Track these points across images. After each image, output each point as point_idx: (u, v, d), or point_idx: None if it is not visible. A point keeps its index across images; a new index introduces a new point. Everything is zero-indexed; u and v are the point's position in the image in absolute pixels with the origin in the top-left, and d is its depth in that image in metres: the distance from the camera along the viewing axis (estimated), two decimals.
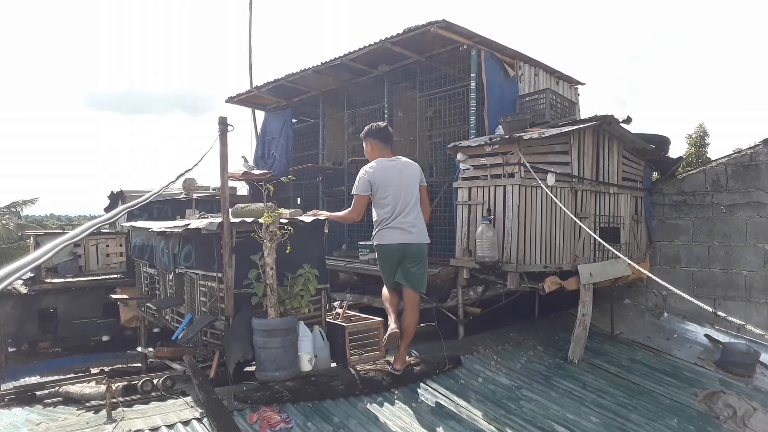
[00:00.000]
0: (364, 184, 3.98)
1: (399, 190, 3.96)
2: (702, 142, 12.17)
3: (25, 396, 3.85)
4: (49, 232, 8.92)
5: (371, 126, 4.21)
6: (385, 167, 4.01)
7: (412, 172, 4.08)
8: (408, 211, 3.95)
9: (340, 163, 8.03)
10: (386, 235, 3.98)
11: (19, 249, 14.58)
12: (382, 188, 3.95)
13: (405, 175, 4.02)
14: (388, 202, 3.95)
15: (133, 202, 1.66)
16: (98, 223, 1.30)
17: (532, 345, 5.43)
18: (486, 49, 6.08)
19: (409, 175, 4.05)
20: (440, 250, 6.04)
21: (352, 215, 4.10)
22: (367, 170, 4.00)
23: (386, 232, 3.97)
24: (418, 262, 4.04)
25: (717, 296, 6.51)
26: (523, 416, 3.87)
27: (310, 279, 3.95)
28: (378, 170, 3.99)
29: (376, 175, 3.97)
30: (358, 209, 4.04)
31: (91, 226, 1.25)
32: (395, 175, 3.99)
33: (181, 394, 3.62)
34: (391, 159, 4.09)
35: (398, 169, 4.04)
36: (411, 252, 3.98)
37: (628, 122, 5.56)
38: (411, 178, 4.05)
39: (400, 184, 3.97)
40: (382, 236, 4.02)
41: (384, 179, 3.96)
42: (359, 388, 3.82)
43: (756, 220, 6.30)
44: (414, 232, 3.97)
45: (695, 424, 4.24)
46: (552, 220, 5.20)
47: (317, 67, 7.05)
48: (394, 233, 3.96)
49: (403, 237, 3.95)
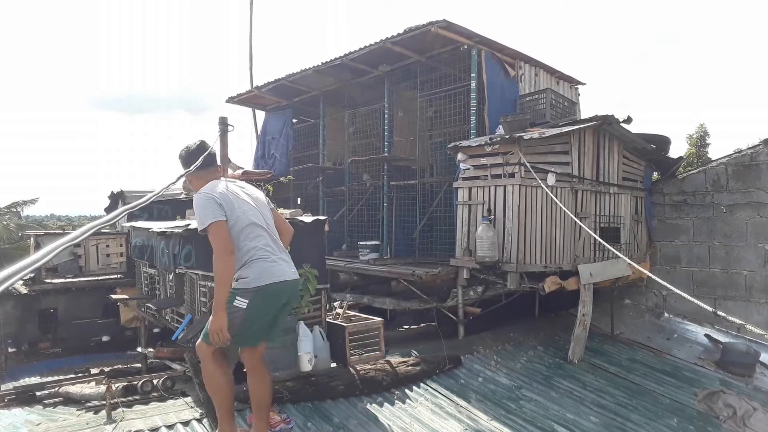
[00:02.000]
0: (213, 208, 2.80)
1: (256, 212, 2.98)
2: (702, 142, 12.17)
3: (25, 396, 3.84)
4: (49, 232, 8.92)
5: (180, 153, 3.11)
6: (224, 187, 2.95)
7: (261, 195, 3.18)
8: (277, 238, 3.03)
9: (340, 163, 8.03)
10: (269, 270, 2.86)
11: (19, 249, 14.58)
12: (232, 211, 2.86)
13: (253, 194, 3.09)
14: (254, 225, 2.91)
15: (134, 204, 1.66)
16: (99, 225, 1.30)
17: (532, 345, 5.43)
18: (486, 49, 6.09)
19: (261, 198, 3.14)
20: (440, 250, 6.05)
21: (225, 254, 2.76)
22: (206, 192, 2.88)
23: (268, 265, 2.87)
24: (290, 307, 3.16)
25: (717, 296, 6.51)
26: (523, 416, 3.87)
27: (309, 279, 3.94)
28: (219, 189, 2.91)
29: (224, 196, 2.87)
30: (225, 239, 2.78)
31: (92, 228, 1.24)
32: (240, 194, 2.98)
33: (181, 394, 3.63)
34: (225, 180, 3.08)
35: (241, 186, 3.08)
36: (292, 294, 3.06)
37: (628, 122, 5.56)
38: (264, 201, 3.14)
39: (253, 203, 3.00)
40: (261, 272, 2.84)
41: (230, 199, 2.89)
42: (359, 388, 3.82)
43: (756, 220, 6.30)
44: (292, 265, 3.05)
45: (695, 424, 4.24)
46: (552, 220, 5.20)
47: (318, 67, 7.05)
48: (280, 266, 2.91)
49: (290, 271, 2.97)
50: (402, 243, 7.05)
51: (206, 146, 3.08)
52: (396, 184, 7.06)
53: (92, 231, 1.22)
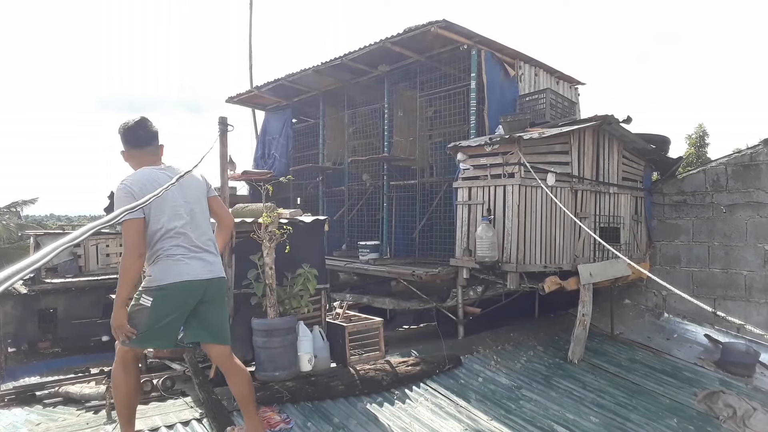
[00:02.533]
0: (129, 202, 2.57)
1: (184, 203, 2.85)
2: (702, 142, 12.18)
3: (24, 396, 3.84)
4: (49, 232, 8.92)
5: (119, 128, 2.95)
6: (150, 178, 2.77)
7: (196, 181, 3.00)
8: (202, 232, 2.88)
9: (340, 163, 8.03)
10: (174, 268, 2.76)
11: (19, 249, 14.58)
12: (156, 204, 2.75)
13: (186, 184, 2.89)
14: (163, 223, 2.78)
15: (133, 204, 1.65)
16: (99, 225, 1.30)
17: (532, 345, 5.43)
18: (486, 49, 6.09)
19: (194, 185, 2.97)
20: (440, 250, 6.05)
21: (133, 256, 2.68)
22: (126, 184, 2.74)
23: (174, 264, 2.76)
24: (222, 300, 3.02)
25: (717, 296, 6.51)
26: (523, 416, 3.87)
27: (309, 279, 3.94)
28: (140, 182, 2.74)
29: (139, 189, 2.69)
30: (135, 240, 2.68)
31: (92, 228, 1.24)
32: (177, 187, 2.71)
33: (181, 394, 3.62)
34: (160, 167, 2.90)
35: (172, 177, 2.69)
36: (212, 291, 2.89)
37: (628, 122, 5.56)
38: (197, 190, 2.98)
39: (182, 195, 2.86)
40: (166, 271, 2.76)
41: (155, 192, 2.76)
42: (359, 388, 3.82)
43: (756, 220, 6.30)
44: (214, 262, 2.92)
45: (695, 424, 4.24)
46: (552, 220, 5.20)
47: (317, 67, 7.05)
48: (189, 265, 2.79)
49: (203, 270, 2.83)
50: (402, 243, 7.05)
51: (145, 123, 2.92)
52: (396, 184, 7.06)
53: (92, 231, 1.22)
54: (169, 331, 2.83)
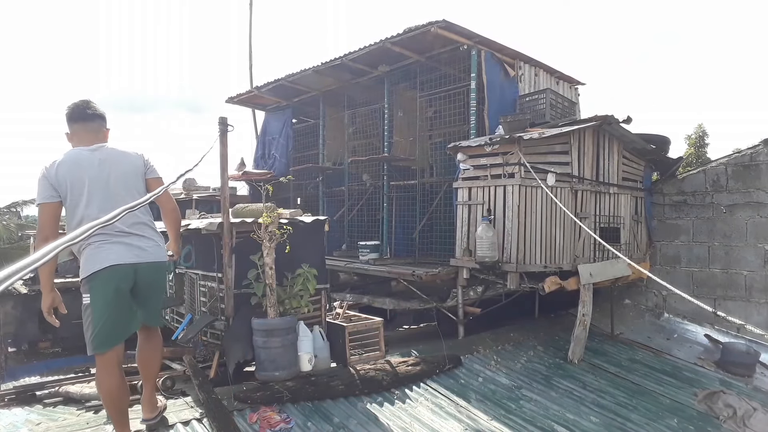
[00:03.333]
0: (44, 188, 2.65)
1: (101, 187, 2.74)
2: (702, 143, 12.18)
3: (25, 396, 3.84)
4: None
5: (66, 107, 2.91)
6: (76, 159, 2.74)
7: (127, 161, 2.87)
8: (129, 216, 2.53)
9: (340, 163, 8.03)
10: (96, 256, 2.67)
11: (19, 249, 14.58)
12: (76, 188, 2.69)
13: (113, 165, 2.80)
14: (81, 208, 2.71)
15: (133, 204, 1.65)
16: (99, 225, 1.30)
17: (532, 345, 5.43)
18: (486, 49, 6.09)
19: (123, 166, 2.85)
20: (440, 250, 6.05)
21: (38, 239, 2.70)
22: (46, 167, 2.70)
23: (95, 251, 2.67)
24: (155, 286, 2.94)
25: (717, 296, 6.51)
26: (523, 416, 3.87)
27: (309, 278, 3.94)
28: (65, 165, 2.71)
29: (60, 171, 2.68)
30: (42, 224, 2.68)
31: (92, 228, 1.24)
32: (93, 167, 2.74)
33: (181, 394, 3.62)
34: (92, 147, 2.82)
35: (99, 158, 2.78)
36: (144, 276, 2.80)
37: (628, 122, 5.56)
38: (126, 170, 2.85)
39: (102, 178, 2.75)
40: (90, 259, 2.68)
41: (75, 175, 2.70)
42: (359, 388, 3.82)
43: (756, 220, 6.30)
44: (143, 246, 2.80)
45: (695, 424, 4.24)
46: (552, 220, 5.20)
47: (317, 67, 7.05)
48: (110, 250, 2.68)
49: (128, 254, 2.73)
50: (402, 243, 7.05)
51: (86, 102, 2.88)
52: (396, 184, 7.06)
53: (92, 231, 1.22)
54: (120, 319, 2.72)
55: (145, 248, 2.81)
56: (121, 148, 2.91)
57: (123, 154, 2.88)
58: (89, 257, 2.68)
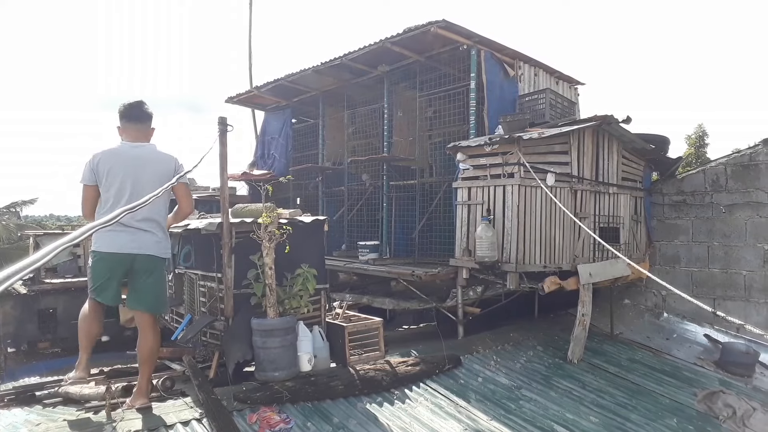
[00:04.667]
0: (86, 172, 3.19)
1: (132, 181, 3.16)
2: (701, 143, 12.20)
3: (24, 396, 3.83)
4: (48, 232, 8.91)
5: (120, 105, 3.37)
6: (117, 152, 3.21)
7: (161, 163, 3.30)
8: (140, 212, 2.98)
9: (340, 163, 8.03)
10: (106, 238, 3.13)
11: (18, 249, 14.57)
12: (110, 177, 3.15)
13: (147, 163, 3.24)
14: (111, 194, 3.16)
15: (133, 204, 1.65)
16: (99, 225, 1.30)
17: (531, 345, 5.43)
18: (486, 49, 6.09)
19: (156, 165, 3.27)
20: (440, 250, 6.05)
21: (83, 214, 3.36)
22: (94, 155, 3.21)
23: (105, 234, 3.10)
24: (151, 275, 3.29)
25: (716, 296, 6.51)
26: (523, 416, 3.87)
27: (308, 278, 3.94)
28: (106, 155, 3.19)
29: (102, 161, 3.16)
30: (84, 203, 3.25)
31: (92, 228, 1.24)
32: (129, 162, 3.19)
33: (181, 394, 3.62)
34: (134, 144, 3.27)
35: (135, 155, 3.23)
36: (140, 264, 3.23)
37: (627, 122, 5.56)
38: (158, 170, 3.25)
39: (134, 173, 3.17)
40: (100, 239, 3.16)
41: (113, 166, 3.16)
42: (359, 388, 3.82)
43: (755, 220, 6.30)
44: (145, 239, 3.21)
45: (695, 424, 4.24)
46: (552, 220, 5.20)
47: (317, 67, 7.05)
48: (116, 238, 3.13)
49: (131, 244, 3.17)
50: (401, 243, 7.05)
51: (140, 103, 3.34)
52: (395, 184, 7.06)
53: (92, 231, 1.22)
54: (109, 288, 3.23)
55: (144, 241, 3.21)
56: (159, 149, 3.35)
57: (159, 155, 3.33)
58: (100, 236, 3.15)
